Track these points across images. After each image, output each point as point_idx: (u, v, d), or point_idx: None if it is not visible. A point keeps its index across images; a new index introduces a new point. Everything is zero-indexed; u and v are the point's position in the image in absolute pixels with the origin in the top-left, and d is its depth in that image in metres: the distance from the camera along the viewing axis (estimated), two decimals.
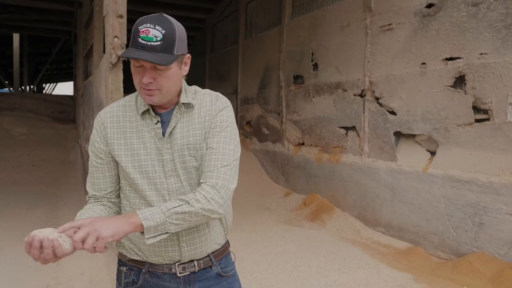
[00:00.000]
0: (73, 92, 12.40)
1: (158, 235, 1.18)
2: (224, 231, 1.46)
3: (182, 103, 1.34)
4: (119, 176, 1.39)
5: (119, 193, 1.42)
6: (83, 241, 1.08)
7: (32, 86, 19.18)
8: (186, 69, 1.33)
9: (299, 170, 6.52)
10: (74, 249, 1.09)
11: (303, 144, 6.52)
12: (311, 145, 6.30)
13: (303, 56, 6.45)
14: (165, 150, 1.32)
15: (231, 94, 9.03)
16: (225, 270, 1.45)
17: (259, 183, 7.32)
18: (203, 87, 1.43)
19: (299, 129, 6.58)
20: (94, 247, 1.08)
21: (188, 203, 1.21)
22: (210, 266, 1.41)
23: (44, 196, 6.52)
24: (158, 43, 1.20)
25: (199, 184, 1.31)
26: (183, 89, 1.35)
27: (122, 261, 1.43)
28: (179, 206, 1.20)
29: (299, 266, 3.94)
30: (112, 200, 1.42)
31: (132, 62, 1.26)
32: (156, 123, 1.33)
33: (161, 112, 1.35)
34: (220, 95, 1.41)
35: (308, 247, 4.47)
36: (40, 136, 9.72)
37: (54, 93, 25.43)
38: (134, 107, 1.36)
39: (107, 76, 3.67)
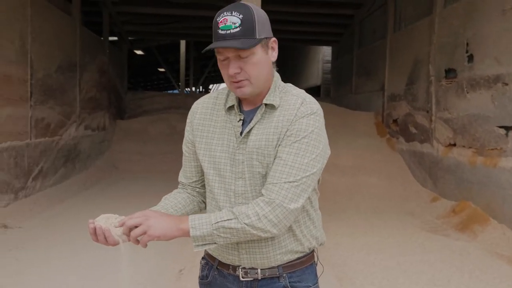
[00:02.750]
0: None
1: (205, 244, 1.17)
2: (300, 243, 1.30)
3: (264, 104, 1.24)
4: None
5: (205, 183, 1.38)
6: (131, 229, 1.14)
7: (198, 87, 21.53)
8: (274, 55, 1.24)
9: (449, 173, 5.90)
10: (128, 239, 1.16)
11: (454, 145, 5.88)
12: (463, 146, 5.64)
13: (456, 47, 5.80)
14: (240, 150, 1.25)
15: (377, 90, 8.64)
16: (296, 285, 1.29)
17: (404, 185, 6.88)
18: (349, 84, 1.27)
19: (450, 128, 5.94)
20: (138, 240, 1.15)
21: (237, 218, 1.15)
22: (278, 277, 1.29)
23: None
24: (238, 29, 1.14)
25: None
26: (272, 87, 1.26)
27: (203, 255, 1.45)
28: (227, 220, 1.15)
29: (437, 279, 3.59)
30: (197, 189, 1.41)
31: (218, 58, 1.22)
32: (238, 121, 1.26)
33: (246, 110, 1.28)
34: (309, 98, 1.26)
35: (451, 260, 4.04)
36: None
37: None
38: (224, 101, 1.31)
39: None
